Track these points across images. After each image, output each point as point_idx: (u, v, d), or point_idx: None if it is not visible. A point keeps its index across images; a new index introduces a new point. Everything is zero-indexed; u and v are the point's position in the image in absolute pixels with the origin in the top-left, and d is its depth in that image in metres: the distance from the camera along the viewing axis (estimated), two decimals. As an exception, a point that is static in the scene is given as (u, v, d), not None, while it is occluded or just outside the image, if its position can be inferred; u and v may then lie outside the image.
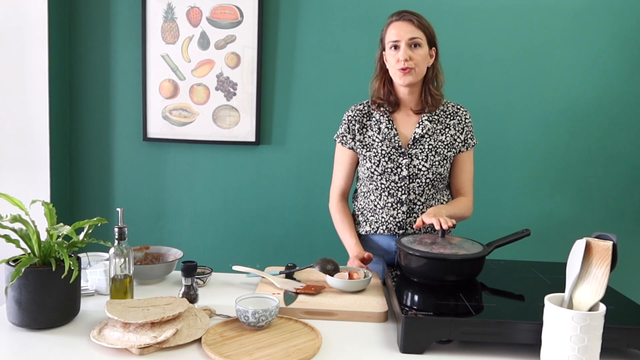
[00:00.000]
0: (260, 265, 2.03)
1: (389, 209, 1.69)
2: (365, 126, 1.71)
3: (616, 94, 2.45)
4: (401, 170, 1.66)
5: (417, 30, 1.60)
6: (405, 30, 1.59)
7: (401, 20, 1.61)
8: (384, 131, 1.68)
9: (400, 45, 1.60)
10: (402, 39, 1.59)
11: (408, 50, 1.59)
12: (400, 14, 1.62)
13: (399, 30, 1.60)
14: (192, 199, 2.63)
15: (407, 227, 1.69)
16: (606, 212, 2.52)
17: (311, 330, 1.21)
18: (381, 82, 1.70)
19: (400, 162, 1.66)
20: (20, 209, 1.22)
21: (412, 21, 1.60)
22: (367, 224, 1.74)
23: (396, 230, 1.69)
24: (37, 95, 2.44)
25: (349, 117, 1.73)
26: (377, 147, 1.68)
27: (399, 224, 1.69)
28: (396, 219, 1.68)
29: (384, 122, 1.69)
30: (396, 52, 1.61)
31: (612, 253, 1.00)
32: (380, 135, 1.68)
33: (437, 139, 1.67)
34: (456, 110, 1.72)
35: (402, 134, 1.69)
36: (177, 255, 1.62)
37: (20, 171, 2.47)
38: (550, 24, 2.43)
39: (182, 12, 2.50)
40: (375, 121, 1.70)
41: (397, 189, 1.67)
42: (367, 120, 1.72)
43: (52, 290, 1.18)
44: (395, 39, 1.60)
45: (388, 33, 1.64)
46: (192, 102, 2.55)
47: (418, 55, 1.60)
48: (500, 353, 1.13)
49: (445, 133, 1.69)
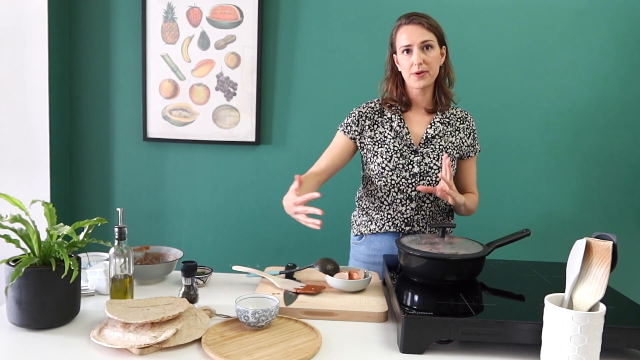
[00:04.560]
0: (260, 265, 2.03)
1: (397, 204, 1.69)
2: (377, 123, 1.72)
3: (616, 94, 2.45)
4: (412, 167, 1.67)
5: (428, 32, 1.60)
6: (416, 33, 1.59)
7: (411, 24, 1.61)
8: (396, 129, 1.69)
9: (412, 49, 1.60)
10: (414, 43, 1.59)
11: (421, 54, 1.59)
12: (410, 17, 1.62)
13: (410, 34, 1.60)
14: (192, 199, 2.63)
15: (414, 223, 1.69)
16: (606, 212, 2.52)
17: (311, 330, 1.21)
18: (393, 83, 1.71)
19: (412, 159, 1.67)
20: (20, 209, 1.22)
21: (422, 24, 1.60)
22: (372, 222, 1.74)
23: (403, 227, 1.70)
24: (37, 95, 2.43)
25: (360, 112, 1.73)
26: (389, 143, 1.68)
27: (406, 220, 1.69)
28: (404, 215, 1.69)
29: (395, 121, 1.70)
30: (409, 56, 1.61)
31: (612, 253, 1.00)
32: (392, 132, 1.69)
33: (447, 140, 1.69)
34: (465, 116, 1.75)
35: (414, 132, 1.70)
36: (177, 255, 1.62)
37: (20, 171, 2.47)
38: (550, 24, 2.43)
39: (182, 12, 2.50)
40: (387, 119, 1.71)
41: (408, 185, 1.67)
42: (379, 117, 1.72)
43: (52, 290, 1.18)
44: (407, 43, 1.60)
45: (399, 37, 1.64)
46: (192, 102, 2.55)
47: (431, 57, 1.61)
48: (500, 353, 1.14)
49: (455, 135, 1.71)
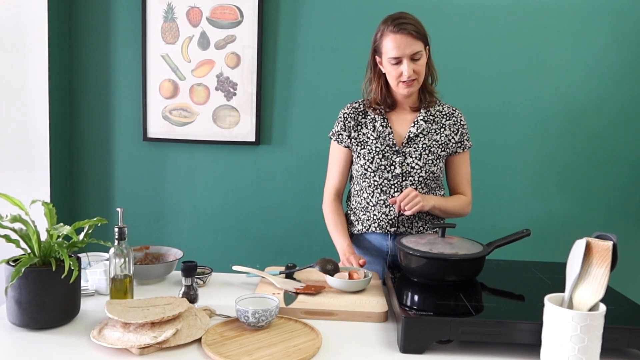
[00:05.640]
0: (260, 265, 2.03)
1: (381, 206, 1.69)
2: (360, 124, 1.72)
3: (616, 94, 2.45)
4: (394, 168, 1.67)
5: (417, 41, 1.57)
6: (405, 44, 1.55)
7: (399, 34, 1.56)
8: (379, 129, 1.69)
9: (402, 61, 1.58)
10: (404, 55, 1.57)
11: (411, 64, 1.58)
12: (398, 25, 1.56)
13: (399, 45, 1.56)
14: (192, 199, 2.63)
15: (399, 225, 1.69)
16: (606, 212, 2.52)
17: (311, 330, 1.21)
18: (377, 85, 1.69)
19: (394, 159, 1.67)
20: (20, 209, 1.22)
21: (411, 34, 1.55)
22: (359, 223, 1.75)
23: (388, 228, 1.70)
24: (37, 95, 2.43)
25: (344, 115, 1.74)
26: (372, 144, 1.68)
27: (390, 222, 1.69)
28: (388, 217, 1.69)
29: (378, 121, 1.70)
30: (398, 66, 1.59)
31: (612, 253, 1.00)
32: (375, 133, 1.69)
33: (431, 138, 1.68)
34: (452, 112, 1.73)
35: (397, 132, 1.69)
36: (177, 255, 1.62)
37: (20, 171, 2.47)
38: (550, 24, 2.43)
39: (182, 12, 2.50)
40: (370, 119, 1.71)
41: (390, 186, 1.67)
42: (362, 118, 1.72)
43: (52, 290, 1.18)
44: (396, 55, 1.57)
45: (385, 45, 1.59)
46: (192, 102, 2.55)
47: (420, 66, 1.60)
48: (500, 353, 1.14)
49: (440, 133, 1.69)
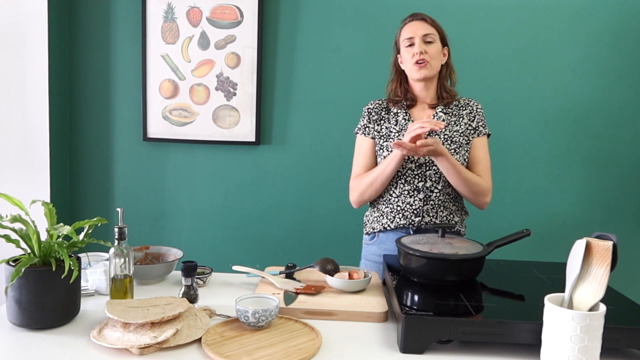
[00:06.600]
0: (260, 265, 2.03)
1: (406, 196, 1.71)
2: (383, 118, 1.77)
3: (616, 94, 2.45)
4: (418, 157, 1.68)
5: (431, 27, 1.70)
6: (419, 27, 1.70)
7: (414, 20, 1.72)
8: (401, 122, 1.74)
9: (415, 42, 1.69)
10: (416, 35, 1.69)
11: (423, 45, 1.68)
12: (413, 15, 1.73)
13: (413, 28, 1.70)
14: (192, 199, 2.63)
15: (424, 214, 1.70)
16: (606, 212, 2.52)
17: (311, 330, 1.21)
18: (397, 82, 1.79)
19: None
20: (20, 209, 1.22)
21: (425, 20, 1.71)
22: (383, 217, 1.75)
23: (412, 218, 1.70)
24: (37, 95, 2.43)
25: (368, 109, 1.80)
26: (394, 137, 1.73)
27: (415, 212, 1.70)
28: (413, 207, 1.70)
29: (401, 114, 1.75)
30: (411, 48, 1.69)
31: (612, 253, 1.00)
32: (397, 126, 1.74)
33: (452, 129, 1.72)
34: (468, 102, 1.79)
35: None
36: (177, 255, 1.62)
37: (20, 171, 2.47)
38: (550, 24, 2.43)
39: (182, 12, 2.50)
40: (392, 114, 1.77)
41: (414, 176, 1.70)
42: (385, 113, 1.78)
43: (52, 290, 1.18)
44: (410, 36, 1.69)
45: (402, 34, 1.73)
46: (192, 102, 2.55)
47: (432, 49, 1.69)
48: (500, 353, 1.13)
49: (459, 123, 1.74)
